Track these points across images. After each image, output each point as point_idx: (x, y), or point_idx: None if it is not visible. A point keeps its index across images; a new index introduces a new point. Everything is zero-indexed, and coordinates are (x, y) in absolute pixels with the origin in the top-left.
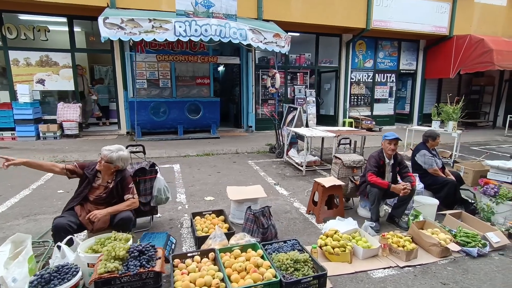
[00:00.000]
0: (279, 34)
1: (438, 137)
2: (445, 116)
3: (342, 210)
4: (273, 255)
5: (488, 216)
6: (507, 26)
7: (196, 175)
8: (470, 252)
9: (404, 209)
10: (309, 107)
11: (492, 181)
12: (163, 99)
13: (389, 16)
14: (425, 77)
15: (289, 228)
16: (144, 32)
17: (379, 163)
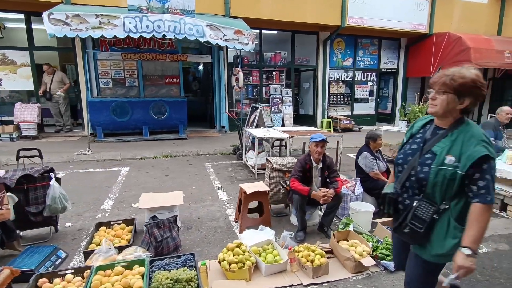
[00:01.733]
0: (240, 30)
1: (379, 138)
2: (412, 115)
3: (268, 218)
4: (155, 274)
5: None
6: (488, 24)
7: (141, 179)
8: (387, 266)
9: (332, 216)
10: (285, 107)
11: None
12: (125, 98)
13: (366, 13)
14: (407, 75)
15: (206, 238)
16: (92, 29)
17: (304, 167)
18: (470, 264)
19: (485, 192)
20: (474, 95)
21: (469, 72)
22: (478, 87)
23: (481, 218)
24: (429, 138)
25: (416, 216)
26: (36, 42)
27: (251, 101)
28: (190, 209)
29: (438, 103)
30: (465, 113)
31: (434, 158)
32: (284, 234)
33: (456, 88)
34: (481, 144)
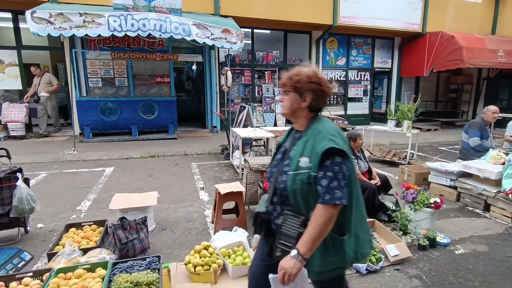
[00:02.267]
0: (228, 29)
1: (360, 138)
2: (400, 115)
3: (243, 219)
4: (115, 277)
5: (403, 224)
6: (482, 23)
7: (123, 179)
8: (359, 269)
9: None
10: (278, 106)
11: (414, 186)
12: (114, 98)
13: (358, 12)
14: (401, 75)
15: (178, 240)
16: (75, 27)
17: None
18: (290, 267)
19: (324, 191)
20: (313, 91)
21: (305, 69)
22: (314, 82)
23: (316, 220)
24: (290, 144)
25: (283, 234)
26: (25, 41)
27: (243, 101)
28: (168, 209)
29: (285, 104)
30: (315, 111)
31: (290, 164)
32: (256, 236)
33: (294, 86)
34: (327, 139)
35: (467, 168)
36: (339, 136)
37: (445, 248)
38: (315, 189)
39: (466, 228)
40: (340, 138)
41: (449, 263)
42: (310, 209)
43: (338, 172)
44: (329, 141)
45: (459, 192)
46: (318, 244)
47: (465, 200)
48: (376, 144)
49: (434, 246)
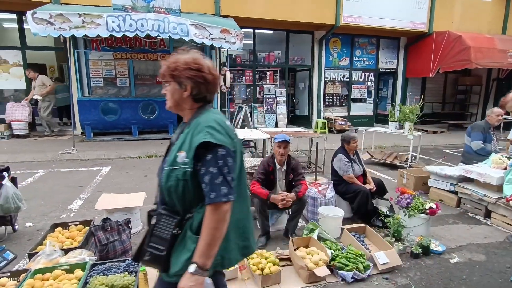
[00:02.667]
0: (227, 29)
1: (353, 141)
2: (402, 116)
3: None
4: (91, 279)
5: (396, 230)
6: (492, 22)
7: (119, 179)
8: (344, 277)
9: (296, 221)
10: (279, 107)
11: (409, 191)
12: (114, 98)
13: (361, 11)
14: (406, 76)
15: None
16: (75, 28)
17: (267, 169)
18: (191, 285)
19: (209, 189)
20: (193, 78)
21: (184, 55)
22: (193, 69)
23: (207, 224)
24: (175, 138)
25: (155, 235)
26: (29, 42)
27: (244, 102)
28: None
29: (167, 96)
30: (200, 101)
31: (167, 160)
32: None
33: (172, 74)
34: (205, 131)
35: (467, 173)
36: (219, 128)
37: (439, 257)
38: (192, 186)
39: (464, 235)
40: (221, 129)
41: (441, 273)
42: (187, 208)
43: (222, 166)
44: (205, 134)
45: (460, 198)
46: (216, 248)
47: (466, 206)
48: (379, 147)
49: (428, 254)
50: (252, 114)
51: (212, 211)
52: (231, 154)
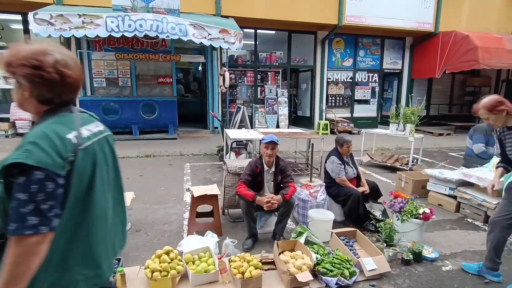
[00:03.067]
0: (226, 29)
1: (346, 144)
2: (403, 118)
3: (217, 223)
4: None
5: (389, 235)
6: (501, 21)
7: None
8: (328, 283)
9: (284, 224)
10: (281, 108)
11: (402, 194)
12: (115, 98)
13: (365, 11)
14: (412, 76)
15: (150, 242)
16: (75, 28)
17: (255, 171)
18: None
19: (12, 218)
20: (28, 77)
21: (28, 46)
22: (27, 66)
23: (8, 258)
24: None
25: None
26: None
27: (245, 102)
28: (148, 210)
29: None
30: (47, 103)
31: None
32: (226, 241)
33: (8, 70)
34: (23, 148)
35: (467, 177)
36: (46, 144)
37: (431, 264)
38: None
39: (460, 241)
40: (49, 146)
41: (432, 281)
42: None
43: (36, 192)
44: (22, 152)
45: (459, 202)
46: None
47: (465, 211)
48: (381, 149)
49: (420, 261)
50: (253, 115)
51: (13, 244)
52: (53, 178)
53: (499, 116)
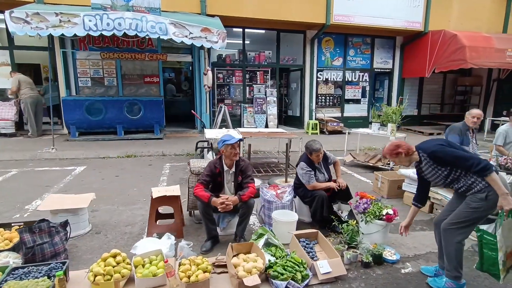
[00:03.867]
0: (208, 28)
1: (315, 153)
2: (385, 117)
3: (178, 225)
4: (4, 284)
5: (352, 237)
6: (492, 20)
7: (89, 179)
8: (278, 286)
9: (244, 226)
10: (270, 107)
11: (368, 195)
12: (99, 97)
13: (354, 10)
14: (402, 76)
15: (107, 245)
16: (52, 27)
17: (214, 171)
18: None
19: None
20: None
21: None
22: None
23: None
24: None
25: None
26: (19, 42)
27: (234, 102)
28: (115, 212)
29: None
30: None
31: None
32: (181, 244)
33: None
34: None
35: None
36: None
37: (391, 266)
38: None
39: (427, 243)
40: None
41: (388, 284)
42: None
43: None
44: None
45: (432, 203)
46: None
47: (438, 211)
48: (368, 148)
49: (381, 263)
50: (242, 115)
51: None
52: None
53: (400, 158)
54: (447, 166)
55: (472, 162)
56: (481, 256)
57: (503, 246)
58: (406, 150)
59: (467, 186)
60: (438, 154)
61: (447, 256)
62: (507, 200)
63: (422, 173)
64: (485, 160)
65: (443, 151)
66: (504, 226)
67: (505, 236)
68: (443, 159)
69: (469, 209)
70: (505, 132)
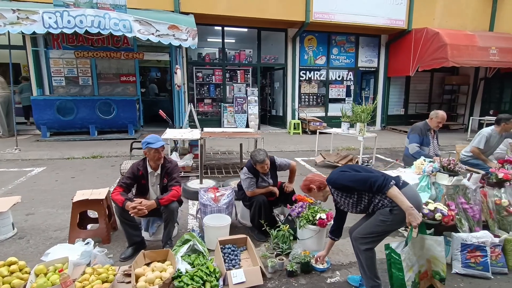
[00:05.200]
0: (176, 26)
1: (260, 165)
2: (354, 117)
3: (103, 231)
4: None
5: (284, 243)
6: (477, 18)
7: (43, 180)
8: None
9: (168, 231)
10: (250, 107)
11: (307, 199)
12: (69, 97)
13: (334, 7)
14: (388, 75)
15: (23, 251)
16: (10, 24)
17: (136, 174)
18: None
19: None
20: None
21: None
22: None
23: None
24: None
25: None
26: None
27: (213, 101)
28: (51, 215)
29: None
30: None
31: None
32: (94, 251)
33: None
34: None
35: None
36: None
37: (319, 275)
38: None
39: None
40: None
41: None
42: None
43: None
44: None
45: None
46: None
47: None
48: (347, 148)
49: (308, 272)
50: (222, 114)
51: None
52: None
53: (314, 193)
54: (353, 192)
55: (370, 182)
56: (390, 276)
57: (414, 265)
58: (317, 185)
59: (377, 206)
60: (339, 182)
61: (360, 265)
62: (412, 215)
63: (337, 204)
64: (382, 177)
65: (342, 177)
66: (415, 243)
67: (417, 254)
68: (344, 185)
69: (377, 221)
70: (489, 136)
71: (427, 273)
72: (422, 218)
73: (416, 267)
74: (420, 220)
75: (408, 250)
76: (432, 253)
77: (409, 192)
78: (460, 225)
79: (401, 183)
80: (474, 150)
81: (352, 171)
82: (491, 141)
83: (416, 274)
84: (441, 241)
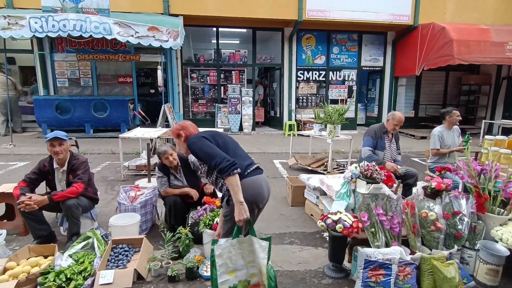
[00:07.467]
0: (156, 27)
1: (163, 155)
2: (325, 118)
3: (20, 223)
4: None
5: (183, 246)
6: (497, 11)
7: (18, 174)
8: None
9: (70, 227)
10: (245, 108)
11: (216, 202)
12: (67, 97)
13: (329, 4)
14: (395, 74)
15: None
16: (1, 29)
17: (42, 169)
18: None
19: None
20: None
21: None
22: None
23: None
24: None
25: None
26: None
27: (208, 102)
28: None
29: None
30: None
31: None
32: None
33: None
34: None
35: (322, 184)
36: None
37: (202, 283)
38: None
39: (281, 259)
40: None
41: None
42: None
43: None
44: None
45: None
46: None
47: None
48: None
49: (193, 279)
50: (216, 115)
51: None
52: None
53: (180, 141)
54: (203, 162)
55: (216, 161)
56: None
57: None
58: (186, 136)
59: (222, 188)
60: (192, 147)
61: None
62: (239, 209)
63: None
64: (228, 161)
65: (196, 145)
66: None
67: (247, 259)
68: (197, 154)
69: (222, 218)
70: (440, 134)
71: (259, 285)
72: (248, 216)
73: (243, 273)
74: (245, 217)
75: (229, 248)
76: (258, 260)
77: (248, 183)
78: (372, 239)
79: (249, 172)
80: (433, 152)
81: (211, 139)
82: (446, 138)
83: (240, 281)
84: (265, 246)
